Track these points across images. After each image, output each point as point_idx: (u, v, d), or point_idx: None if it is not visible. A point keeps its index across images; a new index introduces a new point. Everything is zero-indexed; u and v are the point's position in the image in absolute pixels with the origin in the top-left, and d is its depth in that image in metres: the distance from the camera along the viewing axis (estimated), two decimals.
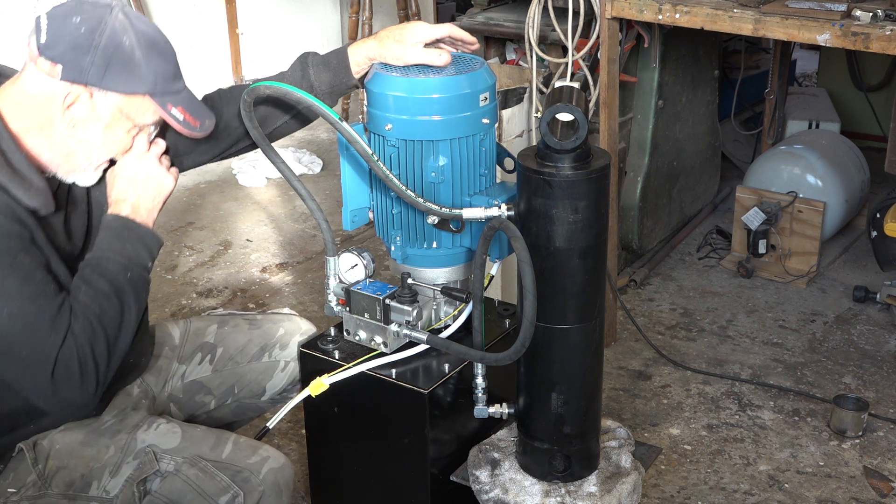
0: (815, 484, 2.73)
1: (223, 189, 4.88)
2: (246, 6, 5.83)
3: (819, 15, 2.66)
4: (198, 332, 2.28)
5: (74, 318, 1.73)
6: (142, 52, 1.77)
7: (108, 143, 1.83)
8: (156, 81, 1.79)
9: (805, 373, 3.24)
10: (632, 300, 3.70)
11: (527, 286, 1.78)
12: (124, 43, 1.75)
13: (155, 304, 3.70)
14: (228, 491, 1.87)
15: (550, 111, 1.79)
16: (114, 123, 1.80)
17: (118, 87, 1.76)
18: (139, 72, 1.76)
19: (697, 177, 4.23)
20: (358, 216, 2.13)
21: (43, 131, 1.78)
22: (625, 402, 3.09)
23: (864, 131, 4.86)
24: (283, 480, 1.94)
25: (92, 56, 1.72)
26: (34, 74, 1.75)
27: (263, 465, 1.92)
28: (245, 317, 2.35)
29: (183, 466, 1.88)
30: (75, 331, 1.72)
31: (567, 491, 2.00)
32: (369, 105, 2.03)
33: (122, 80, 1.75)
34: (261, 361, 2.26)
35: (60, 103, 1.75)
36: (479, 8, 4.17)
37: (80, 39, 1.72)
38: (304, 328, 2.32)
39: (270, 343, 2.28)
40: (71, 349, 1.71)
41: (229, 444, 1.94)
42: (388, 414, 2.07)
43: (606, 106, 3.08)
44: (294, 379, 2.29)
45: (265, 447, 1.98)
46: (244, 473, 1.89)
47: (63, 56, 1.72)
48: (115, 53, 1.74)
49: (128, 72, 1.75)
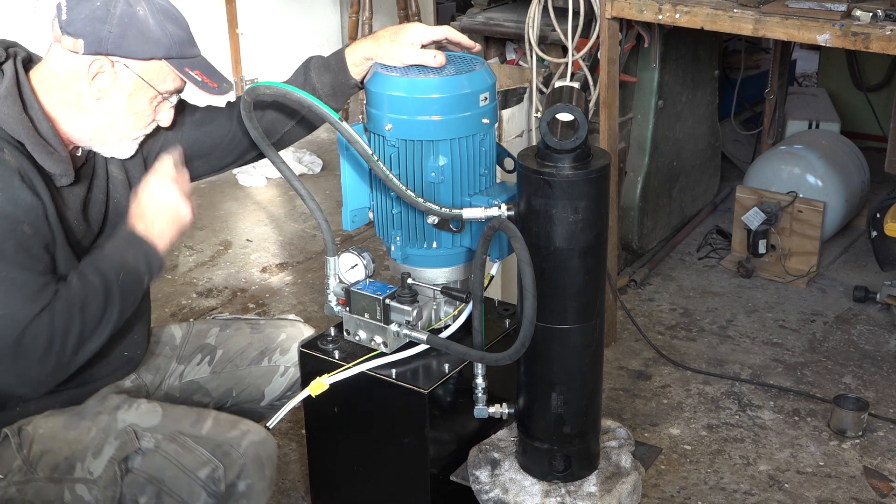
0: (815, 484, 2.73)
1: (223, 189, 4.88)
2: (246, 6, 5.83)
3: (819, 15, 2.66)
4: (200, 333, 2.29)
5: (57, 299, 1.77)
6: (155, 19, 1.85)
7: (133, 113, 1.90)
8: (171, 46, 1.87)
9: (805, 373, 3.24)
10: (632, 300, 3.70)
11: (527, 286, 1.78)
12: (138, 12, 1.83)
13: (155, 305, 3.69)
14: (208, 465, 1.87)
15: (550, 111, 1.79)
16: (137, 92, 1.88)
17: (136, 52, 1.84)
18: (154, 37, 1.85)
19: (697, 177, 4.23)
20: (358, 216, 2.13)
21: (72, 106, 1.87)
22: (625, 402, 3.09)
23: (864, 131, 4.86)
24: (264, 454, 1.94)
25: (109, 25, 1.81)
26: (59, 53, 1.85)
27: (244, 438, 1.92)
28: (249, 321, 2.36)
29: (162, 443, 1.89)
30: (54, 309, 1.76)
31: (567, 491, 2.00)
32: (369, 105, 2.03)
33: (139, 46, 1.84)
34: (260, 365, 2.26)
35: (86, 76, 1.84)
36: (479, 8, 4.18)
37: (98, 12, 1.81)
38: (307, 334, 2.32)
39: (271, 347, 2.28)
40: (43, 324, 1.74)
41: (210, 419, 1.95)
42: (388, 414, 2.07)
43: (606, 106, 3.08)
44: (294, 385, 2.29)
45: (246, 422, 1.98)
46: (224, 447, 1.90)
47: (83, 30, 1.81)
48: (130, 22, 1.82)
49: (143, 38, 1.84)
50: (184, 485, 1.86)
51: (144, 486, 1.87)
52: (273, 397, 2.29)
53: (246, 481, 1.90)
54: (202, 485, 1.86)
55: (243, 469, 1.89)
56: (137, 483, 1.87)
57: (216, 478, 1.87)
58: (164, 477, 1.87)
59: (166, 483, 1.87)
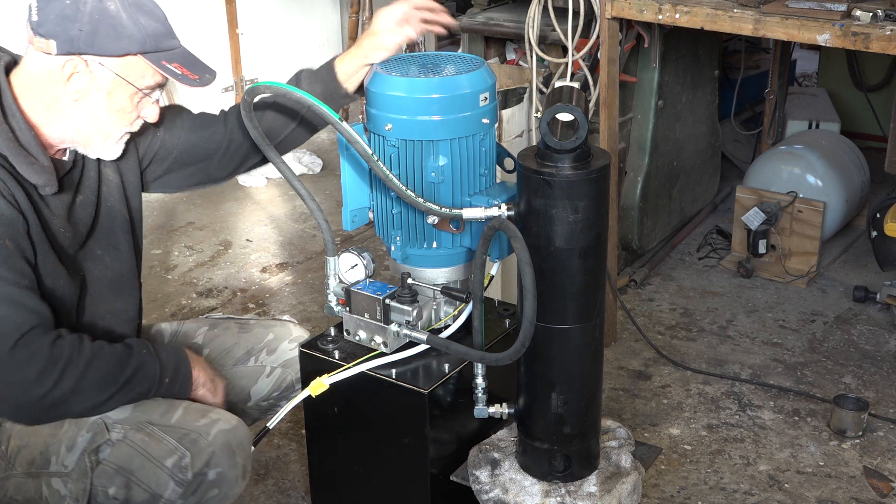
0: (815, 484, 2.73)
1: (223, 189, 4.87)
2: (246, 6, 5.83)
3: (819, 15, 2.66)
4: (188, 332, 2.29)
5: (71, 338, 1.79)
6: (128, 13, 1.80)
7: (115, 112, 1.87)
8: (145, 40, 1.81)
9: (805, 373, 3.24)
10: (632, 300, 3.70)
11: (527, 286, 1.78)
12: (109, 8, 1.79)
13: (155, 304, 3.71)
14: (175, 453, 1.86)
15: (550, 111, 1.79)
16: (115, 90, 1.84)
17: (109, 49, 1.79)
18: (128, 32, 1.80)
19: (697, 177, 4.23)
20: (358, 216, 2.13)
21: (51, 109, 1.83)
22: (625, 402, 3.09)
23: (864, 131, 4.86)
24: (234, 441, 1.92)
25: (79, 24, 1.77)
26: (34, 55, 1.82)
27: (213, 426, 1.90)
28: (239, 321, 2.34)
29: (130, 433, 1.88)
30: (63, 339, 1.77)
31: (567, 491, 2.00)
32: (369, 105, 2.03)
33: (112, 43, 1.79)
34: (246, 365, 2.25)
35: (61, 77, 1.80)
36: (479, 8, 4.17)
37: (67, 10, 1.77)
38: (296, 334, 2.31)
39: (257, 347, 2.27)
40: (42, 343, 1.75)
41: (180, 409, 1.93)
42: (388, 414, 2.07)
43: (606, 106, 3.08)
44: (280, 385, 2.27)
45: (217, 411, 1.96)
46: (192, 435, 1.88)
47: (54, 30, 1.77)
48: (101, 18, 1.78)
49: (116, 33, 1.79)
50: (151, 474, 1.86)
51: (113, 476, 1.87)
52: (259, 397, 2.27)
53: (216, 469, 1.88)
54: (169, 473, 1.85)
55: (212, 457, 1.87)
56: (107, 473, 1.87)
57: (183, 466, 1.85)
58: (132, 466, 1.86)
59: (134, 472, 1.86)
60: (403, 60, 2.08)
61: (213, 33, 5.66)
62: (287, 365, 2.27)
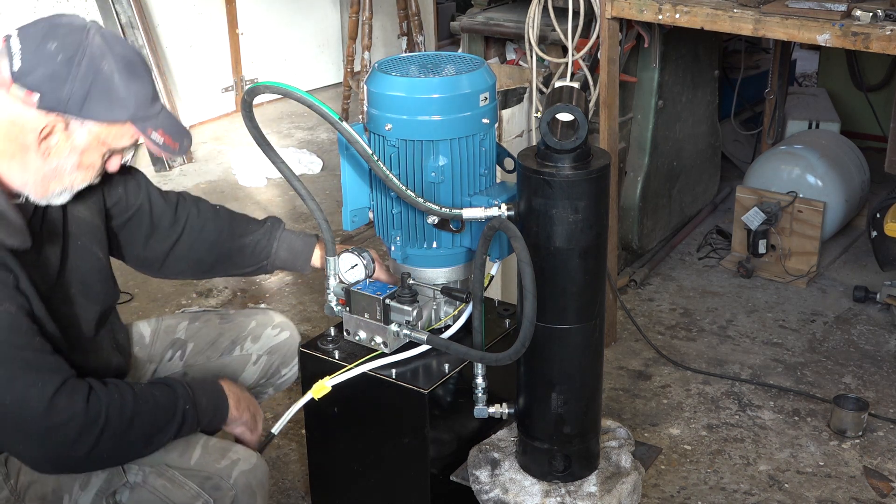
0: (815, 484, 2.73)
1: (223, 189, 4.87)
2: (246, 6, 5.83)
3: (819, 15, 2.66)
4: (168, 329, 2.25)
5: (111, 395, 1.74)
6: (121, 77, 1.71)
7: (83, 168, 1.78)
8: (137, 107, 1.73)
9: (805, 373, 3.24)
10: (632, 300, 3.70)
11: (527, 286, 1.78)
12: (103, 69, 1.69)
13: (155, 304, 3.71)
14: (198, 499, 1.83)
15: (550, 111, 1.79)
16: (90, 150, 1.75)
17: (99, 115, 1.70)
18: (120, 98, 1.71)
19: (697, 177, 4.23)
20: (358, 216, 2.13)
21: (15, 158, 1.72)
22: (625, 402, 3.09)
23: (864, 131, 4.86)
24: (255, 481, 1.90)
25: (71, 85, 1.67)
26: (6, 101, 1.68)
27: (234, 468, 1.88)
28: (218, 312, 2.33)
29: (150, 477, 1.84)
30: (99, 397, 1.72)
31: (567, 491, 2.00)
32: (369, 105, 2.03)
33: (103, 109, 1.70)
34: (232, 355, 2.24)
35: (36, 133, 1.69)
36: (479, 8, 4.17)
37: (59, 68, 1.66)
38: (278, 320, 2.30)
39: (242, 336, 2.26)
40: (77, 403, 1.69)
41: (198, 448, 1.89)
42: (388, 414, 2.07)
43: (606, 106, 3.08)
44: (266, 373, 2.26)
45: (235, 448, 1.92)
46: (214, 479, 1.85)
47: (40, 85, 1.66)
48: (94, 81, 1.68)
49: (108, 99, 1.70)
50: None
51: None
52: (246, 385, 2.24)
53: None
54: None
55: (234, 500, 1.86)
56: None
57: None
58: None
59: None
60: (403, 60, 2.08)
61: (213, 33, 5.67)
62: (272, 351, 2.26)
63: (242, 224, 2.22)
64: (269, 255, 2.21)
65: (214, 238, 2.17)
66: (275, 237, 2.21)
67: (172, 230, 2.12)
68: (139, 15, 5.03)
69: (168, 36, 5.37)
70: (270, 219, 2.25)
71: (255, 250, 2.20)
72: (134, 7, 5.00)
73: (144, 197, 2.08)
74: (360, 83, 5.48)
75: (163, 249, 2.13)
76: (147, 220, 2.09)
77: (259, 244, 2.20)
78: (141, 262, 2.16)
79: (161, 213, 2.11)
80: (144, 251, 2.12)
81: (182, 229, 2.14)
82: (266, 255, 2.21)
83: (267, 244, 2.21)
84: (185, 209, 2.15)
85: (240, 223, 2.22)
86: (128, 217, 2.07)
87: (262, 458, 1.96)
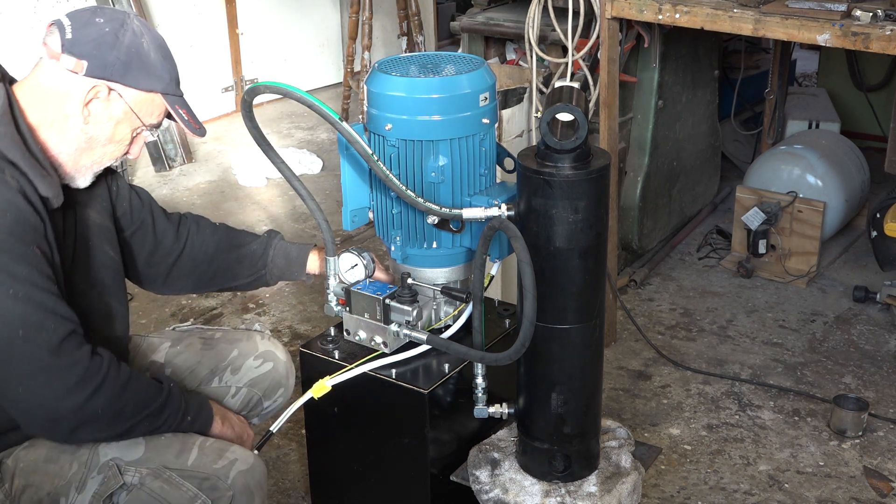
0: (815, 484, 2.73)
1: (223, 189, 4.88)
2: (246, 6, 5.83)
3: (819, 15, 2.66)
4: (150, 347, 2.24)
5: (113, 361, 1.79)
6: (156, 54, 1.87)
7: (113, 142, 1.88)
8: (169, 82, 1.89)
9: (805, 373, 3.24)
10: (632, 300, 3.70)
11: (527, 286, 1.78)
12: (143, 45, 1.85)
13: (155, 304, 3.71)
14: (196, 500, 1.83)
15: (550, 111, 1.79)
16: (123, 121, 1.87)
17: (138, 83, 1.84)
18: (156, 71, 1.86)
19: (697, 177, 4.23)
20: (358, 216, 2.13)
21: (55, 126, 1.83)
22: (625, 402, 3.09)
23: (864, 131, 4.86)
24: (253, 482, 1.90)
25: (117, 52, 1.81)
26: (54, 70, 1.81)
27: (231, 468, 1.87)
28: (203, 335, 2.28)
29: (147, 479, 1.84)
30: (104, 358, 1.77)
31: (567, 491, 2.00)
32: (369, 105, 2.03)
33: (142, 77, 1.84)
34: (210, 386, 2.20)
35: (82, 98, 1.81)
36: (479, 8, 4.17)
37: (106, 37, 1.81)
38: (262, 349, 2.25)
39: (221, 366, 2.21)
40: (83, 353, 1.74)
41: (195, 449, 1.88)
42: (388, 414, 2.07)
43: (606, 106, 3.08)
44: (248, 405, 2.23)
45: (232, 448, 1.92)
46: (211, 480, 1.85)
47: (89, 52, 1.80)
48: (136, 52, 1.84)
49: (146, 70, 1.85)
50: None
51: None
52: None
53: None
54: None
55: (232, 500, 1.86)
56: None
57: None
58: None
59: None
60: (403, 60, 2.08)
61: (213, 33, 5.67)
62: (253, 384, 2.22)
63: (240, 236, 2.27)
64: (266, 264, 2.24)
65: (214, 251, 2.22)
66: (271, 246, 2.25)
67: (175, 246, 2.18)
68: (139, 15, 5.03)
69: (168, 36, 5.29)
70: (268, 231, 2.29)
71: (252, 260, 2.25)
72: (134, 7, 5.00)
73: (147, 213, 2.14)
74: (360, 83, 5.48)
75: (166, 265, 2.18)
76: (150, 237, 2.15)
77: (255, 253, 2.24)
78: (145, 278, 2.20)
79: (164, 231, 2.17)
80: (149, 267, 2.17)
81: (184, 245, 2.19)
82: (263, 265, 2.24)
83: (263, 253, 2.24)
84: (185, 226, 2.21)
85: (237, 236, 2.27)
86: (133, 231, 2.12)
87: (259, 459, 1.95)
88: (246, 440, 2.05)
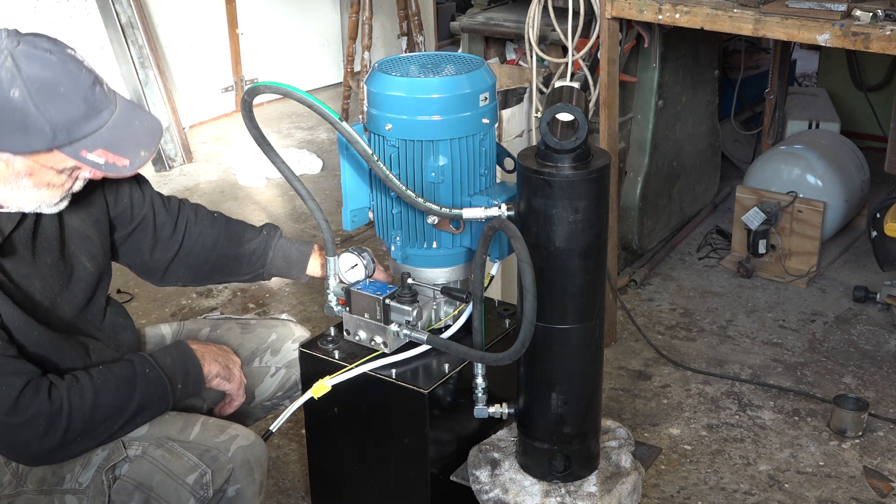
0: (815, 484, 2.73)
1: (223, 189, 4.88)
2: (246, 6, 5.83)
3: (819, 15, 2.66)
4: (190, 333, 2.28)
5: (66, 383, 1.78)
6: (35, 102, 1.61)
7: (44, 187, 1.74)
8: (56, 133, 1.63)
9: (805, 373, 3.24)
10: (632, 300, 3.70)
11: (527, 286, 1.77)
12: (13, 97, 1.59)
13: (155, 304, 3.71)
14: (196, 469, 1.85)
15: (550, 111, 1.79)
16: (37, 172, 1.70)
17: (16, 147, 1.63)
18: (36, 127, 1.61)
19: (697, 177, 4.23)
20: (358, 216, 2.12)
21: None
22: (625, 402, 3.09)
23: (864, 131, 4.86)
24: (253, 458, 1.93)
25: None
26: None
27: (232, 443, 1.91)
28: (240, 321, 2.34)
29: (149, 448, 1.88)
30: (60, 390, 1.76)
31: (567, 491, 2.00)
32: (369, 105, 2.03)
33: (19, 139, 1.62)
34: (251, 366, 2.25)
35: None
36: (479, 8, 4.17)
37: None
38: (298, 334, 2.32)
39: (262, 348, 2.27)
40: (40, 401, 1.73)
41: (198, 425, 1.93)
42: (388, 414, 2.07)
43: (606, 106, 3.08)
44: (284, 385, 2.28)
45: (235, 426, 1.96)
46: (212, 452, 1.88)
47: None
48: (3, 110, 1.60)
49: (22, 129, 1.61)
50: (171, 490, 1.85)
51: (132, 492, 1.86)
52: (263, 398, 2.28)
53: (235, 486, 1.89)
54: (190, 490, 1.85)
55: (232, 473, 1.88)
56: (125, 490, 1.86)
57: (204, 483, 1.85)
58: (152, 483, 1.85)
59: (154, 489, 1.85)
60: (403, 60, 2.08)
61: (213, 33, 5.67)
62: (291, 365, 2.27)
63: (239, 231, 2.25)
64: (265, 264, 2.24)
65: (211, 244, 2.20)
66: (270, 246, 2.24)
67: (173, 239, 2.17)
68: (139, 15, 5.03)
69: (168, 36, 5.37)
70: (267, 226, 2.27)
71: (251, 259, 2.24)
72: (134, 7, 5.00)
73: (148, 207, 2.12)
74: (360, 83, 5.48)
75: (166, 258, 2.18)
76: (150, 231, 2.13)
77: (255, 253, 2.23)
78: (145, 270, 2.20)
79: (163, 224, 2.15)
80: (150, 260, 2.17)
81: (182, 237, 2.18)
82: (262, 264, 2.24)
83: (263, 253, 2.24)
84: (184, 216, 2.19)
85: (237, 230, 2.25)
86: (132, 228, 2.11)
87: (260, 438, 1.98)
88: (233, 367, 2.07)
